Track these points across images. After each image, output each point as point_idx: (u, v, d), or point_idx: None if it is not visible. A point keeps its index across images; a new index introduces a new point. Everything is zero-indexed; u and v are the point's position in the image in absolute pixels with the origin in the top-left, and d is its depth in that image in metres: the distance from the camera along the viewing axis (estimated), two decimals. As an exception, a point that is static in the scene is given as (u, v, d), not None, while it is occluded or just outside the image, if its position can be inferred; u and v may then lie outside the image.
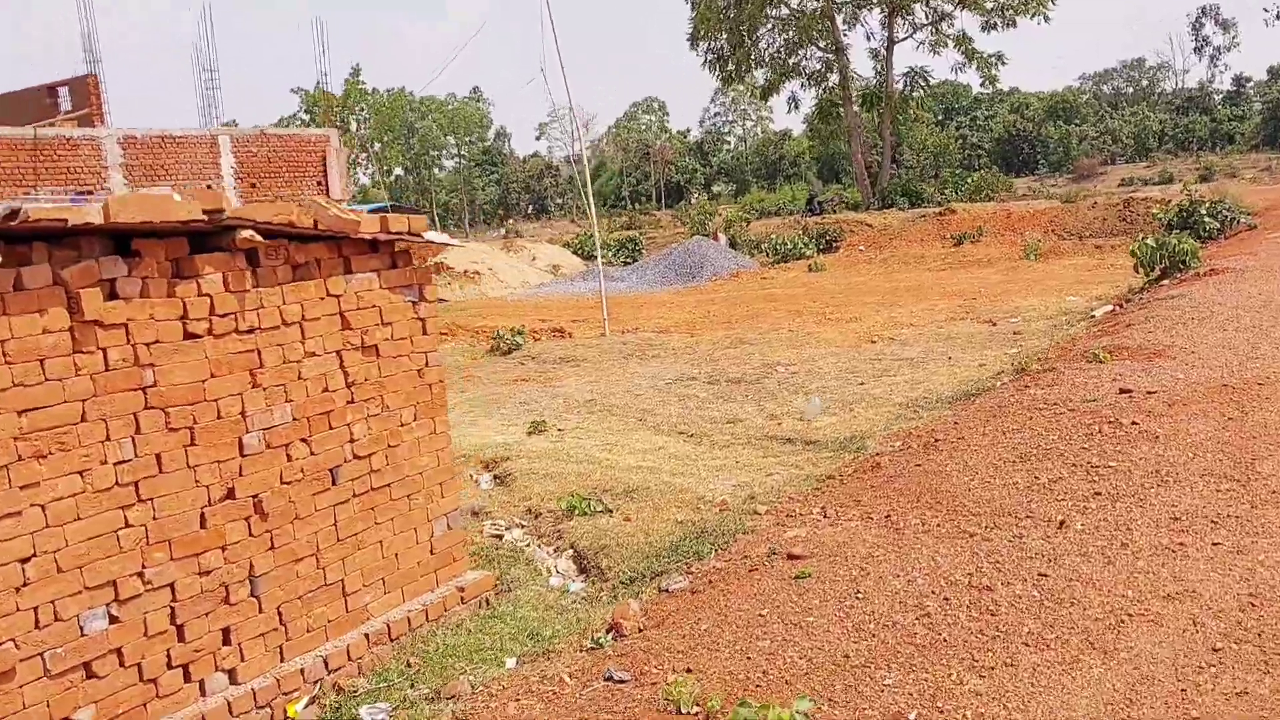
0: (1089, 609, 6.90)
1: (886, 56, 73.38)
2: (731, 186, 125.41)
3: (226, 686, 7.32)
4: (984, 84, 76.74)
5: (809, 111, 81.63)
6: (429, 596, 8.92)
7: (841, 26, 72.99)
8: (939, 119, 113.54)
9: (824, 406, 16.14)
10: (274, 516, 7.60)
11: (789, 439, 14.41)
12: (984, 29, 70.57)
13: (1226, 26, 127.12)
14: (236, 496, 7.36)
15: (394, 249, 8.72)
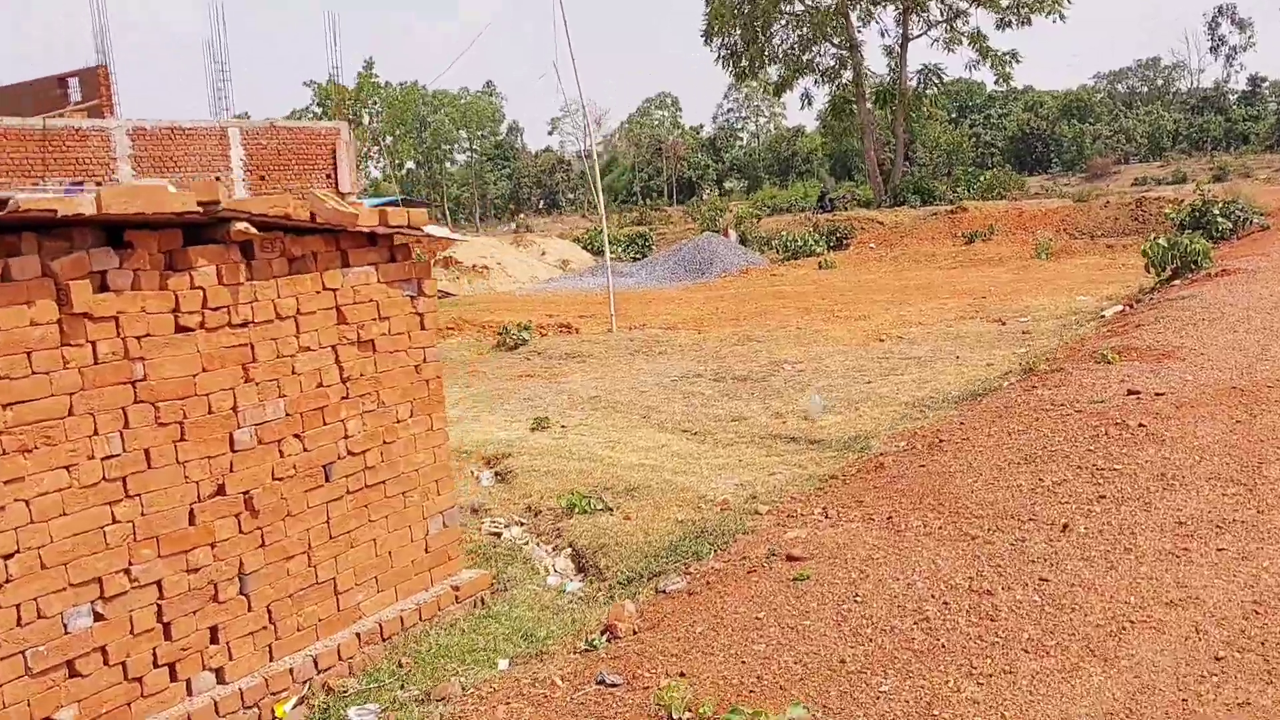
0: (1090, 615, 6.80)
1: (900, 53, 73.30)
2: (744, 183, 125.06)
3: (214, 686, 7.22)
4: (998, 82, 76.73)
5: (822, 108, 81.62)
6: (423, 595, 8.82)
7: (856, 23, 73.01)
8: (952, 117, 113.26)
9: (827, 404, 16.05)
10: (265, 513, 7.51)
11: (793, 438, 14.34)
12: (999, 26, 70.58)
13: (1243, 26, 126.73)
14: (227, 493, 7.27)
15: (393, 243, 8.64)
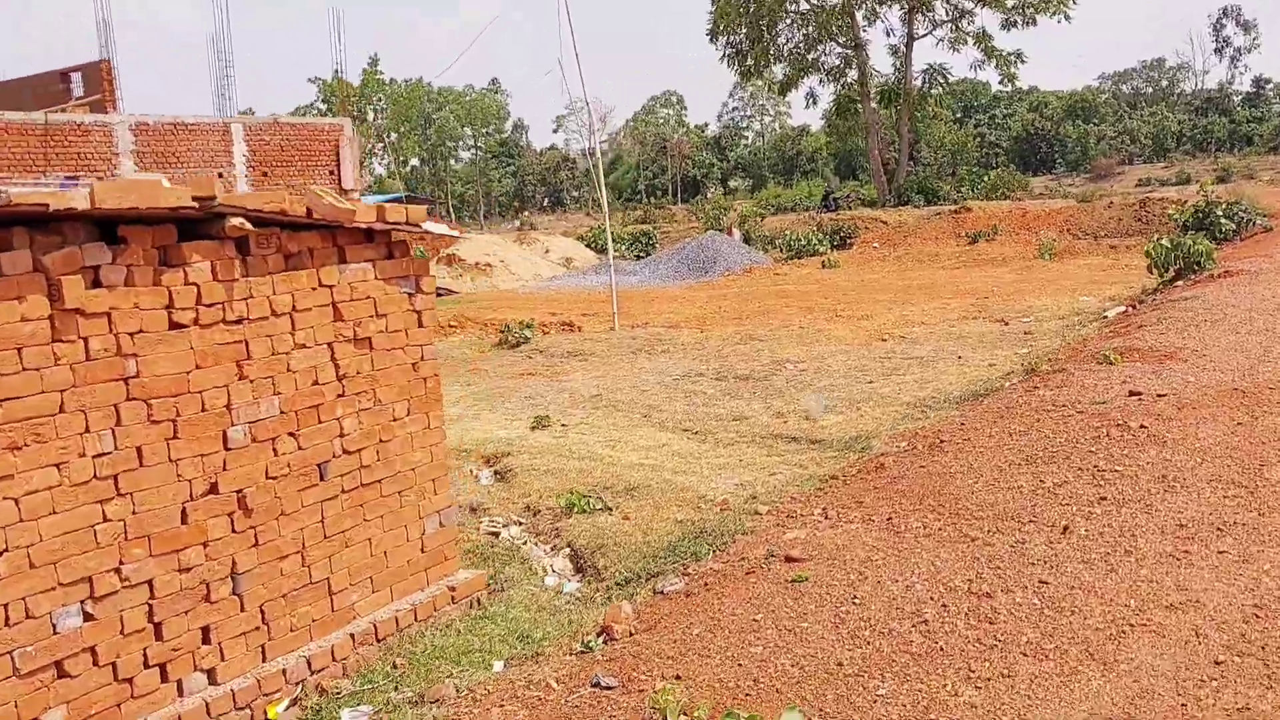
0: (1090, 618, 6.73)
1: (906, 53, 73.35)
2: (748, 182, 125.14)
3: (205, 687, 7.16)
4: (1003, 82, 76.69)
5: (827, 107, 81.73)
6: (418, 596, 8.77)
7: (861, 22, 72.94)
8: (957, 117, 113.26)
9: (829, 404, 16.00)
10: (258, 512, 7.45)
11: (794, 438, 14.30)
12: (1004, 27, 70.61)
13: (1248, 27, 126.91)
14: (220, 491, 7.21)
15: (391, 239, 8.58)
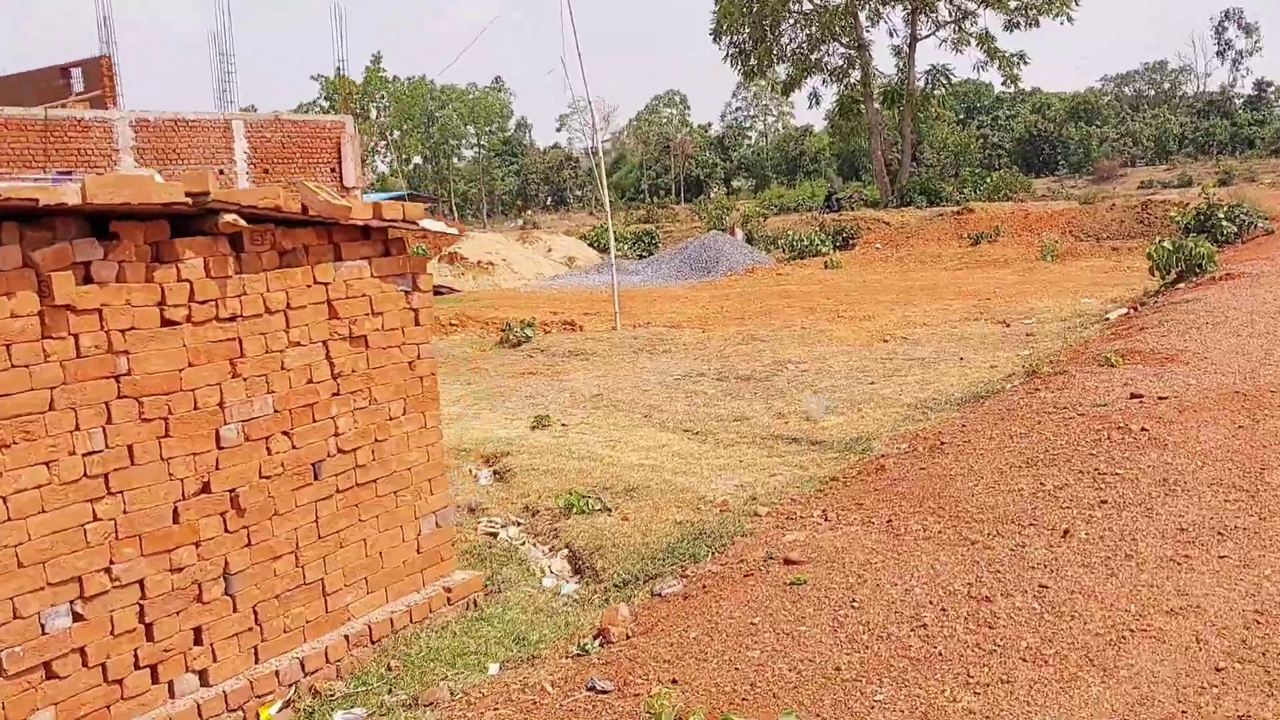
0: (1090, 623, 6.66)
1: (909, 54, 73.43)
2: (751, 182, 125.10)
3: (197, 688, 7.08)
4: (1006, 83, 76.77)
5: (830, 108, 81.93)
6: (414, 597, 8.69)
7: (864, 23, 73.04)
8: (960, 118, 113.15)
9: (830, 405, 15.94)
10: (251, 512, 7.37)
11: (795, 438, 14.24)
12: (1007, 28, 70.73)
13: (1249, 30, 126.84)
14: (212, 491, 7.13)
15: (387, 236, 8.50)
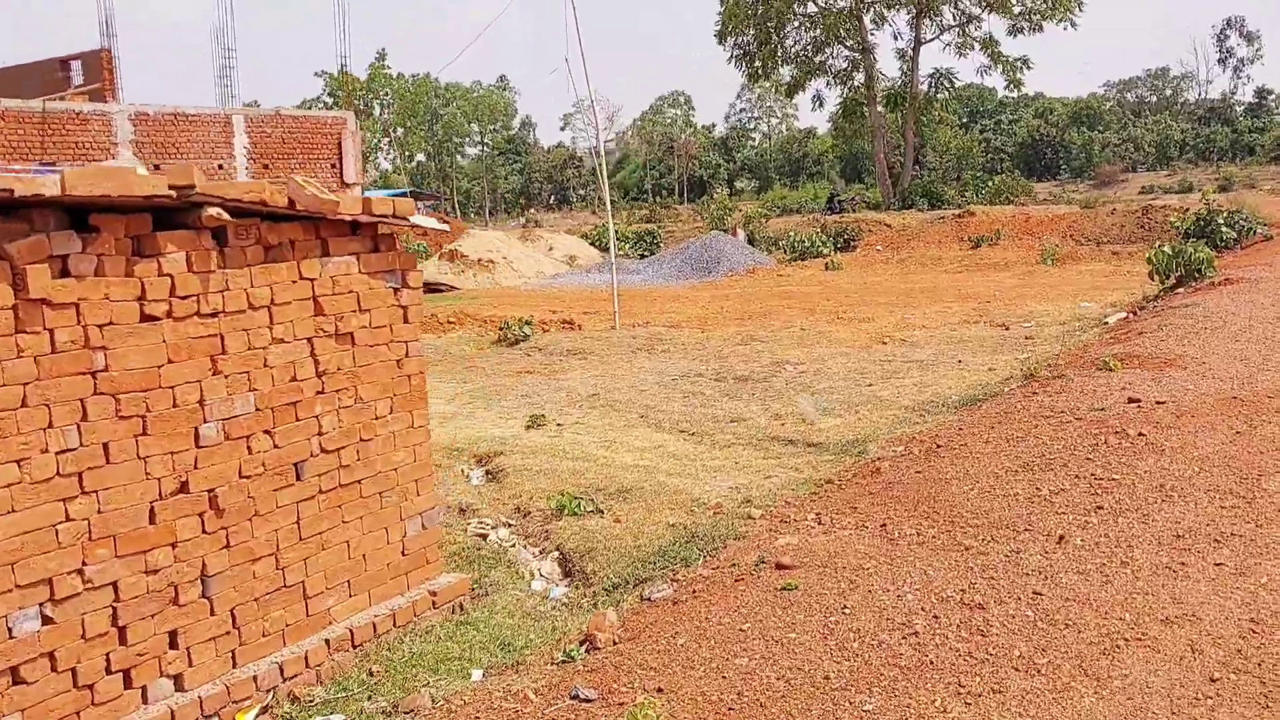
0: (1084, 632, 6.55)
1: (912, 57, 73.34)
2: (754, 183, 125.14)
3: (171, 693, 6.93)
4: (1009, 88, 76.56)
5: (833, 110, 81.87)
6: (398, 601, 8.54)
7: (868, 26, 72.95)
8: (963, 122, 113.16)
9: (827, 407, 15.85)
10: (231, 513, 7.23)
11: (791, 440, 14.16)
12: (1010, 33, 70.69)
13: (1251, 39, 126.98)
14: (190, 490, 6.98)
15: (377, 232, 8.37)
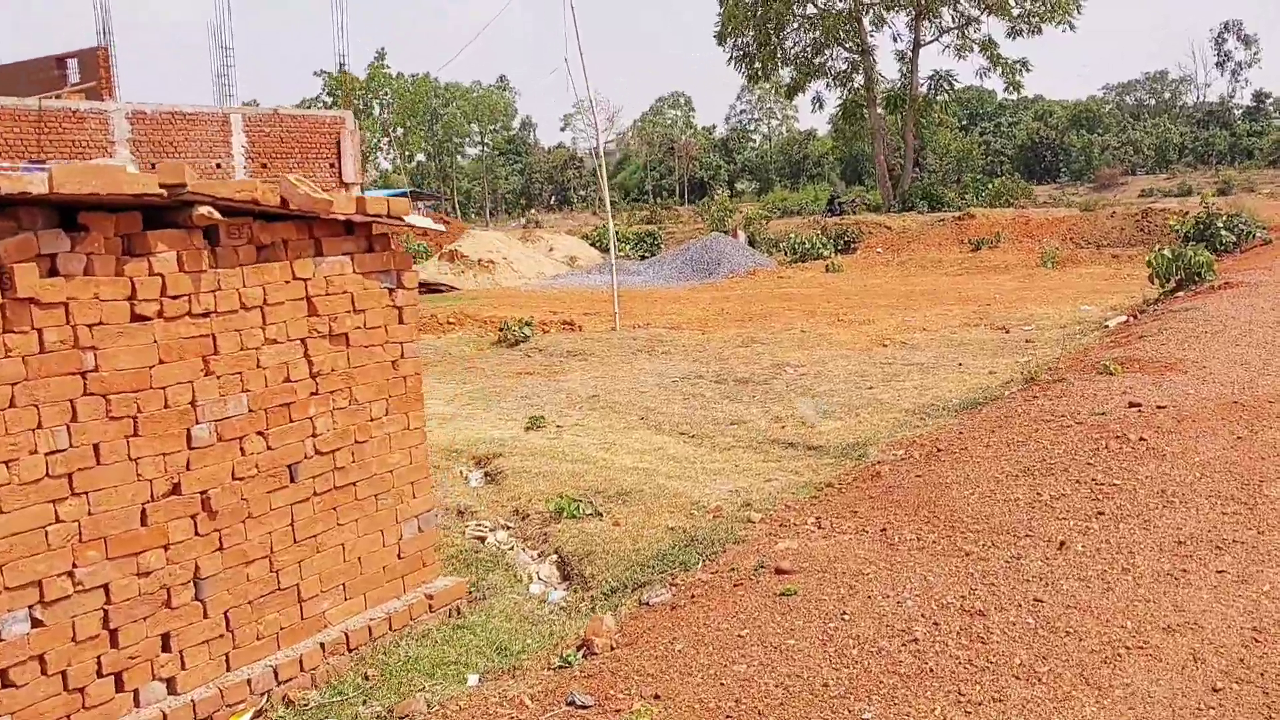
0: (1085, 640, 6.47)
1: (912, 59, 73.37)
2: (755, 184, 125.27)
3: (164, 697, 6.86)
4: (1008, 90, 76.55)
5: (833, 112, 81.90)
6: (394, 604, 8.47)
7: (868, 28, 73.02)
8: (963, 124, 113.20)
9: (827, 409, 15.79)
10: (224, 515, 7.16)
11: (791, 443, 14.11)
12: (1010, 35, 70.73)
13: (1248, 42, 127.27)
14: (182, 492, 6.92)
15: (371, 232, 8.30)
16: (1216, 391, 12.32)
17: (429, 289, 39.47)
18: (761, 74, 78.42)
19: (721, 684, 6.34)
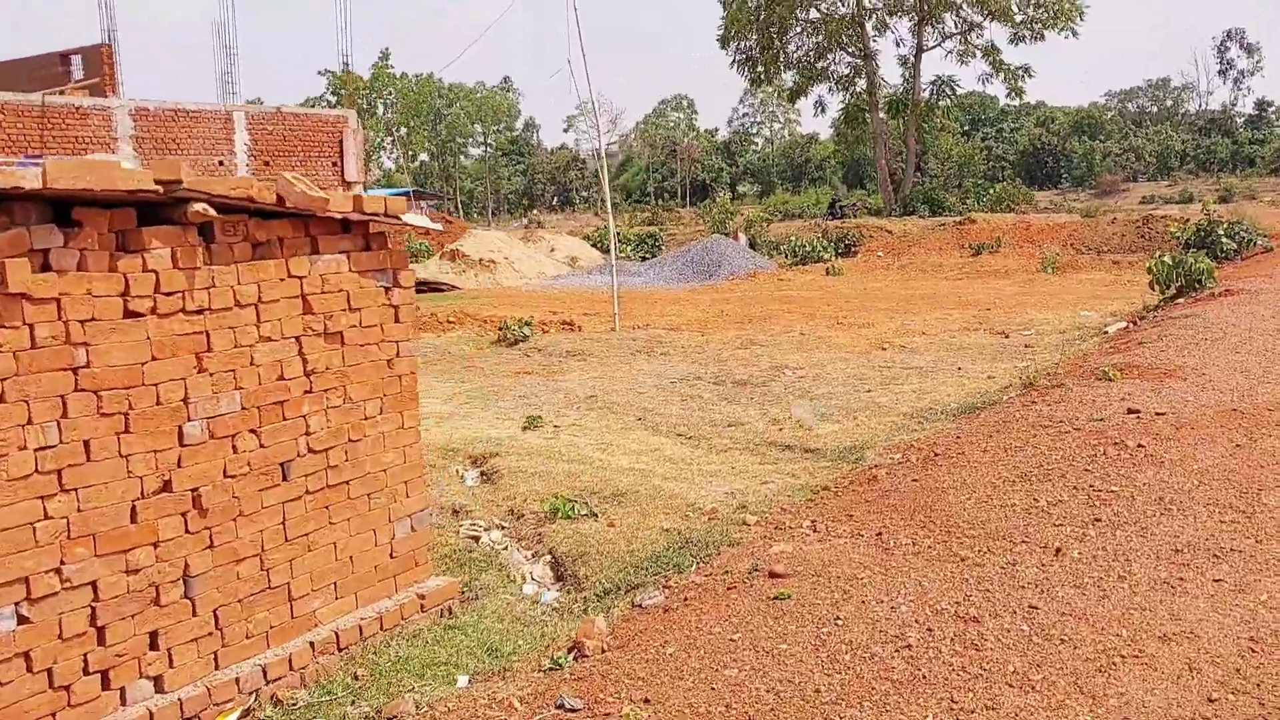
0: (1080, 648, 6.43)
1: (914, 64, 73.51)
2: (757, 187, 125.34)
3: (151, 695, 6.81)
4: (1010, 96, 76.69)
5: (835, 116, 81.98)
6: (385, 604, 8.42)
7: (870, 32, 73.17)
8: (965, 129, 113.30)
9: (824, 411, 15.76)
10: (214, 512, 7.12)
11: (788, 446, 14.06)
12: (1012, 41, 70.95)
13: (1251, 50, 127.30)
14: (173, 490, 6.87)
15: (368, 230, 8.26)
16: (1216, 399, 12.27)
17: (430, 288, 39.44)
18: (764, 78, 78.67)
19: (712, 688, 6.29)
